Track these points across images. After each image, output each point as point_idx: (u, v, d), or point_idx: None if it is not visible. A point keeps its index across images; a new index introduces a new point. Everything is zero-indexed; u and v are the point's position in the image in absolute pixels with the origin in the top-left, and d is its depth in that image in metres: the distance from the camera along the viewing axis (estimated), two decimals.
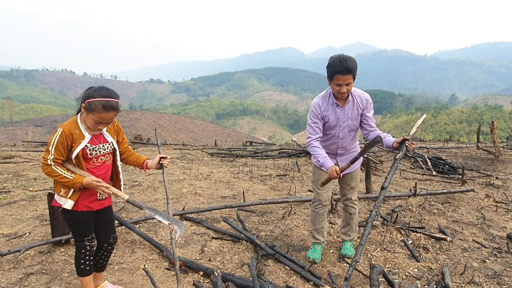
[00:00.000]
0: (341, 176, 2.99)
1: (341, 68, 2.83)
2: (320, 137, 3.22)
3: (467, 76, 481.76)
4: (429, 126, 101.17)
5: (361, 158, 3.56)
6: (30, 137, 40.40)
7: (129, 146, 2.67)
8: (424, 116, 3.36)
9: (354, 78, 2.93)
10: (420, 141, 23.95)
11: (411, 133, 2.99)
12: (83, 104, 2.26)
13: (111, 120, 2.30)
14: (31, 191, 5.88)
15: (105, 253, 2.65)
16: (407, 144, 2.86)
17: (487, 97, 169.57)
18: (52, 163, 2.22)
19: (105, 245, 2.61)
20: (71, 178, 2.22)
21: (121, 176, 2.57)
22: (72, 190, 2.31)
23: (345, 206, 3.61)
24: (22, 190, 5.93)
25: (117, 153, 2.52)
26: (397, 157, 2.88)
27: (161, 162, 2.58)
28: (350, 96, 3.14)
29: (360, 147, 3.55)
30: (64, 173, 2.23)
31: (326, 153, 3.33)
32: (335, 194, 5.41)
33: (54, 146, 2.22)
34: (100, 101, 2.20)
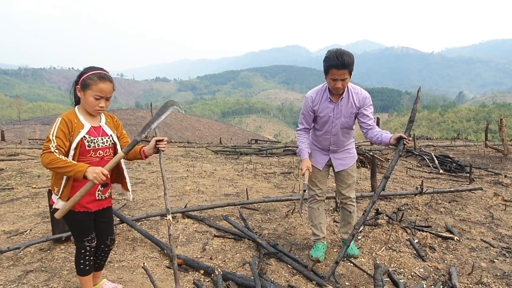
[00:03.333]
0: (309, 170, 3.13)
1: (336, 63, 2.80)
2: (307, 128, 3.30)
3: (475, 74, 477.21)
4: (436, 124, 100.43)
5: (355, 154, 3.49)
6: (37, 135, 40.77)
7: (129, 141, 2.58)
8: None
9: (350, 74, 2.89)
10: (427, 139, 23.75)
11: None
12: (78, 86, 2.20)
13: (110, 92, 2.23)
14: (34, 188, 5.88)
15: (103, 254, 2.58)
16: (404, 142, 2.80)
17: (495, 95, 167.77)
18: (56, 151, 2.07)
19: (102, 246, 2.53)
20: (75, 163, 2.06)
21: (125, 173, 2.47)
22: (61, 189, 2.20)
23: (343, 204, 3.53)
24: (25, 187, 5.92)
25: (118, 147, 2.41)
26: (399, 151, 2.81)
27: (157, 146, 2.37)
28: (345, 92, 3.09)
29: (357, 145, 3.50)
30: (68, 160, 2.08)
31: (319, 148, 3.39)
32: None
33: (55, 134, 2.11)
34: (94, 73, 2.18)
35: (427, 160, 9.72)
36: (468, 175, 7.78)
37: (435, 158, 9.56)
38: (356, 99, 3.11)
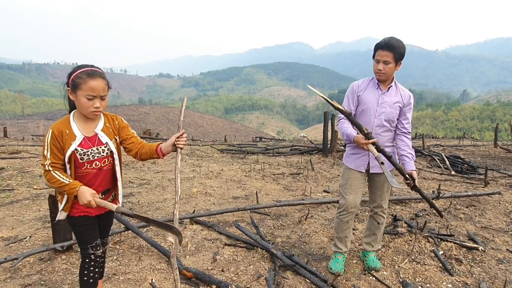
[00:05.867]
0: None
1: (382, 43, 2.77)
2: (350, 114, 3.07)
3: (479, 72, 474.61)
4: (440, 123, 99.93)
5: (396, 159, 3.15)
6: (41, 131, 40.71)
7: (140, 139, 2.29)
8: None
9: (396, 61, 2.79)
10: (433, 137, 23.43)
11: None
12: (69, 88, 1.99)
13: (102, 90, 1.98)
14: (36, 189, 5.65)
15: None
16: (408, 180, 2.77)
17: (500, 93, 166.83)
18: (51, 169, 1.95)
19: None
20: (68, 182, 1.94)
21: (119, 183, 2.22)
22: (64, 201, 2.05)
23: (373, 214, 3.25)
24: (26, 188, 5.69)
25: (116, 156, 2.18)
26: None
27: (175, 142, 2.10)
28: (393, 83, 2.96)
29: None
30: (63, 178, 1.95)
31: (359, 148, 3.01)
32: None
33: (48, 150, 1.96)
34: (83, 71, 1.95)
35: (437, 160, 9.46)
36: (481, 176, 7.53)
37: (446, 159, 9.31)
38: (403, 95, 2.97)
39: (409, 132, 2.98)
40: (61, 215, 2.09)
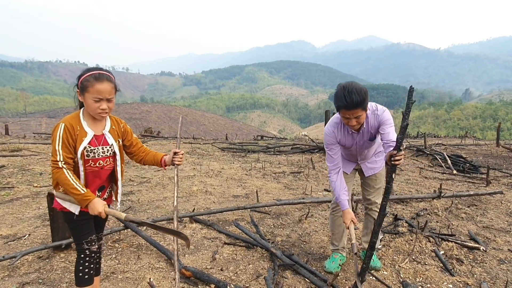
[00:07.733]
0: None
1: (344, 104, 2.53)
2: (338, 167, 2.95)
3: (482, 71, 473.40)
4: (442, 122, 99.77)
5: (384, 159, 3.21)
6: (43, 128, 40.82)
7: (144, 145, 2.40)
8: None
9: (364, 109, 2.60)
10: (434, 137, 23.38)
11: None
12: (78, 89, 2.05)
13: (108, 93, 2.04)
14: (36, 187, 5.65)
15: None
16: (393, 162, 2.30)
17: (502, 92, 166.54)
18: (65, 166, 1.96)
19: None
20: (83, 192, 1.97)
21: (119, 183, 2.28)
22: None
23: (368, 210, 3.28)
24: (26, 186, 5.69)
25: (117, 157, 2.23)
26: (390, 174, 2.31)
27: (173, 159, 2.26)
28: (364, 121, 2.78)
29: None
30: (77, 184, 1.97)
31: (347, 159, 3.18)
32: (354, 195, 5.06)
33: (60, 144, 1.97)
34: (91, 75, 2.01)
35: (439, 159, 9.42)
36: (483, 176, 7.50)
37: (447, 158, 9.26)
38: (376, 120, 2.81)
39: (390, 142, 2.71)
40: (73, 207, 2.11)
